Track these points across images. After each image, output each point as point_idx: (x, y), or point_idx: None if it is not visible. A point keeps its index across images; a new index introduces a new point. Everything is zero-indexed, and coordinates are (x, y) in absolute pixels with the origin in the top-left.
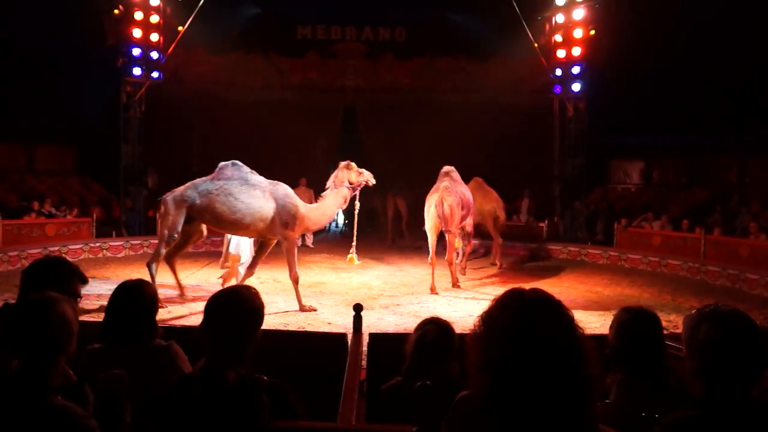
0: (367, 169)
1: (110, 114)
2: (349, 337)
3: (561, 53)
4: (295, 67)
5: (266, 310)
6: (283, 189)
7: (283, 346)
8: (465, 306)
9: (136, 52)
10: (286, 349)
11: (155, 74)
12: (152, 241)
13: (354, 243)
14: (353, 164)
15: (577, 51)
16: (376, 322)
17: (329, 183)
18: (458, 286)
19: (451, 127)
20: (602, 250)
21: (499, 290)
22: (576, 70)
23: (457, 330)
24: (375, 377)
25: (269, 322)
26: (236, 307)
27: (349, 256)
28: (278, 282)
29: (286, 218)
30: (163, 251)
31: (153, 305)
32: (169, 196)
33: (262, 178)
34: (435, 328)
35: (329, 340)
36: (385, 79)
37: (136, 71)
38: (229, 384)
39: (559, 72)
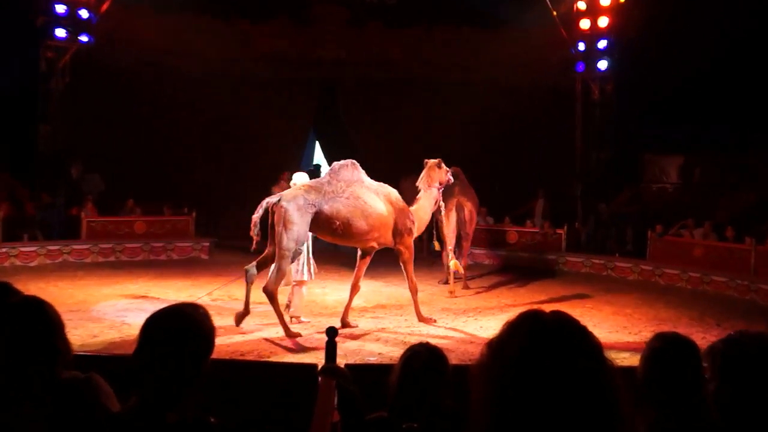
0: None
1: (25, 85)
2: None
3: (585, 24)
4: (261, 34)
5: (218, 334)
6: (394, 191)
7: (238, 380)
8: (468, 327)
9: (61, 9)
10: (243, 383)
11: (84, 38)
12: (75, 247)
13: (449, 249)
14: (443, 163)
15: (603, 21)
16: (355, 349)
17: (419, 183)
18: (454, 295)
19: (450, 111)
20: (633, 264)
21: (509, 313)
22: (602, 44)
23: (454, 359)
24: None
25: (221, 350)
26: (179, 330)
27: (452, 262)
28: (235, 300)
29: (404, 224)
30: (287, 268)
31: (54, 328)
32: (289, 202)
33: (369, 179)
34: (425, 353)
35: (295, 372)
36: (372, 51)
37: (60, 33)
38: (168, 427)
39: (582, 47)
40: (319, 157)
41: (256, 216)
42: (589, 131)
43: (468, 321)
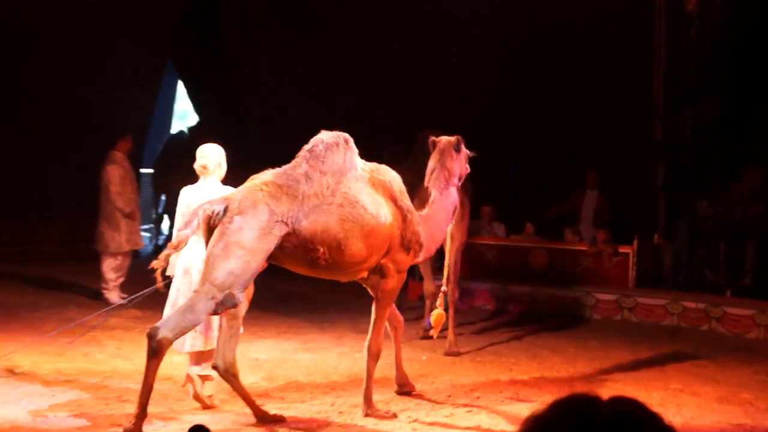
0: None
1: None
2: None
3: None
4: None
5: None
6: (396, 177)
7: None
8: (458, 423)
9: None
10: None
11: None
12: None
13: (444, 285)
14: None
15: None
16: None
17: (430, 181)
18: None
19: (435, 42)
20: (757, 310)
21: (529, 403)
22: None
23: None
24: None
25: None
26: None
27: (436, 312)
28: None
29: (409, 238)
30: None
31: None
32: (245, 217)
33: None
34: None
35: None
36: None
37: None
38: None
39: None
40: (184, 108)
41: (180, 239)
42: (681, 73)
43: (456, 413)
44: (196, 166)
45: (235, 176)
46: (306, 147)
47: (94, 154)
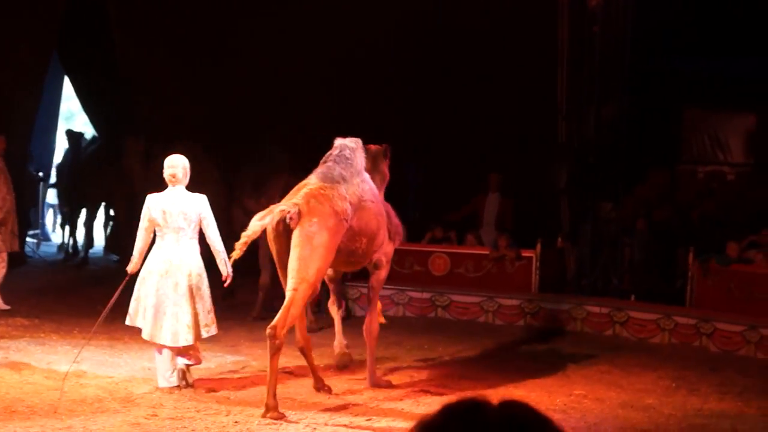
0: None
1: None
2: None
3: None
4: None
5: None
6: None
7: None
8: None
9: None
10: None
11: None
12: None
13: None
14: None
15: None
16: None
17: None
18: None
19: (336, 39)
20: (662, 314)
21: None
22: None
23: None
24: None
25: None
26: None
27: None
28: None
29: (394, 228)
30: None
31: None
32: (327, 216)
33: None
34: None
35: None
36: None
37: None
38: None
39: None
40: (72, 108)
41: (256, 228)
42: (583, 69)
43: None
44: (166, 175)
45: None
46: (334, 152)
47: None
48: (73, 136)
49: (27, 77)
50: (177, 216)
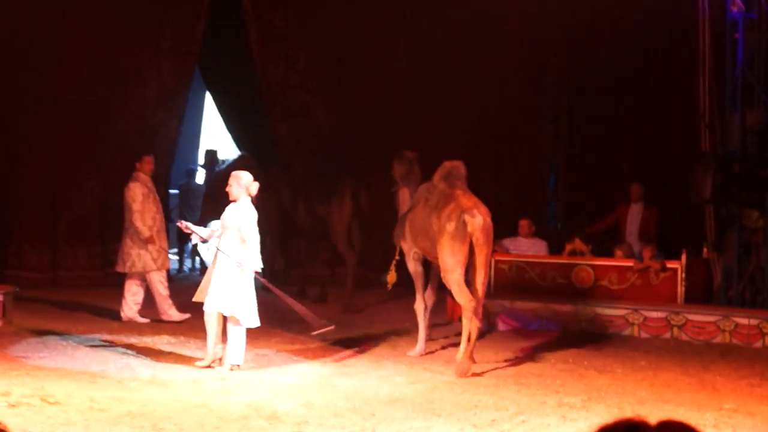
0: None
1: None
2: None
3: None
4: None
5: None
6: None
7: None
8: None
9: None
10: None
11: None
12: None
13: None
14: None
15: None
16: None
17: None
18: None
19: (468, 47)
20: None
21: (589, 418)
22: None
23: None
24: None
25: None
26: None
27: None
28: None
29: None
30: None
31: None
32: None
33: None
34: None
35: None
36: None
37: None
38: None
39: None
40: (212, 124)
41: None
42: (726, 76)
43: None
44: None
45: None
46: (447, 173)
47: (119, 179)
48: (209, 154)
49: (169, 96)
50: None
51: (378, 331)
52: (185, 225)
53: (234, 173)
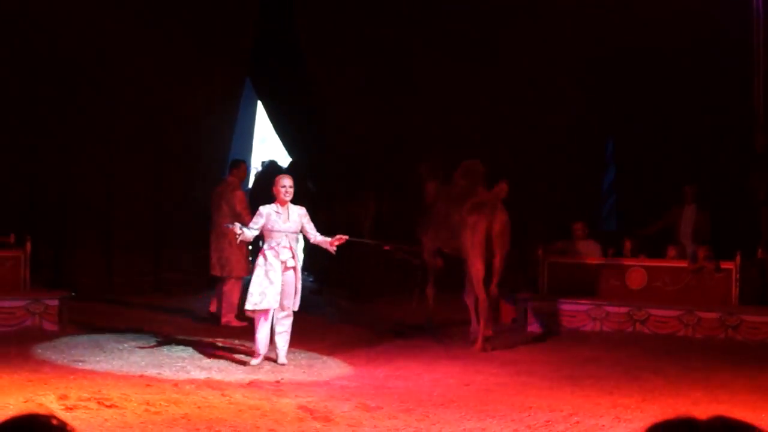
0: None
1: None
2: None
3: None
4: None
5: None
6: None
7: None
8: None
9: None
10: None
11: None
12: None
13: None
14: None
15: None
16: None
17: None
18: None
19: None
20: None
21: (644, 420)
22: None
23: None
24: None
25: None
26: None
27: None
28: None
29: None
30: None
31: None
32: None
33: None
34: None
35: None
36: None
37: None
38: None
39: None
40: (263, 132)
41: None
42: None
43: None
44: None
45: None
46: (465, 171)
47: (172, 185)
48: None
49: (221, 104)
50: None
51: (431, 334)
52: (238, 227)
53: (287, 176)
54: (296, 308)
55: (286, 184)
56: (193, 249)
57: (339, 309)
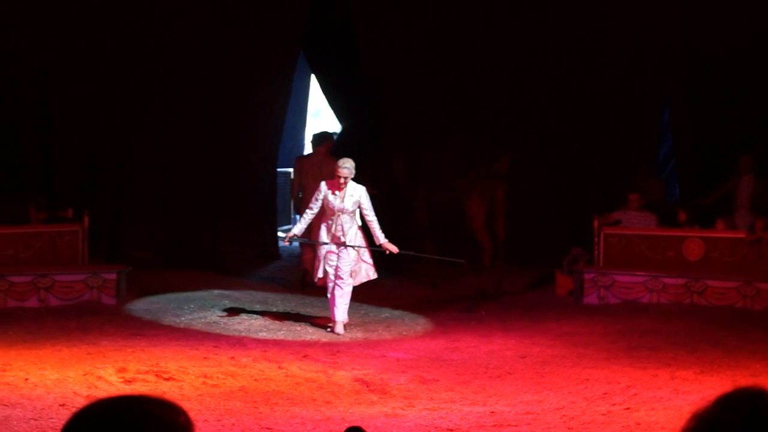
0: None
1: None
2: None
3: None
4: None
5: None
6: None
7: None
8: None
9: None
10: None
11: None
12: None
13: None
14: None
15: None
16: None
17: None
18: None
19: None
20: None
21: (703, 392)
22: None
23: None
24: None
25: None
26: None
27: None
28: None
29: None
30: None
31: None
32: None
33: None
34: None
35: None
36: None
37: None
38: None
39: None
40: (317, 105)
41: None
42: None
43: (613, 411)
44: (341, 172)
45: None
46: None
47: (227, 159)
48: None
49: (275, 77)
50: None
51: (486, 308)
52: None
53: (347, 159)
54: (357, 282)
55: (344, 169)
56: (249, 222)
57: (397, 282)
